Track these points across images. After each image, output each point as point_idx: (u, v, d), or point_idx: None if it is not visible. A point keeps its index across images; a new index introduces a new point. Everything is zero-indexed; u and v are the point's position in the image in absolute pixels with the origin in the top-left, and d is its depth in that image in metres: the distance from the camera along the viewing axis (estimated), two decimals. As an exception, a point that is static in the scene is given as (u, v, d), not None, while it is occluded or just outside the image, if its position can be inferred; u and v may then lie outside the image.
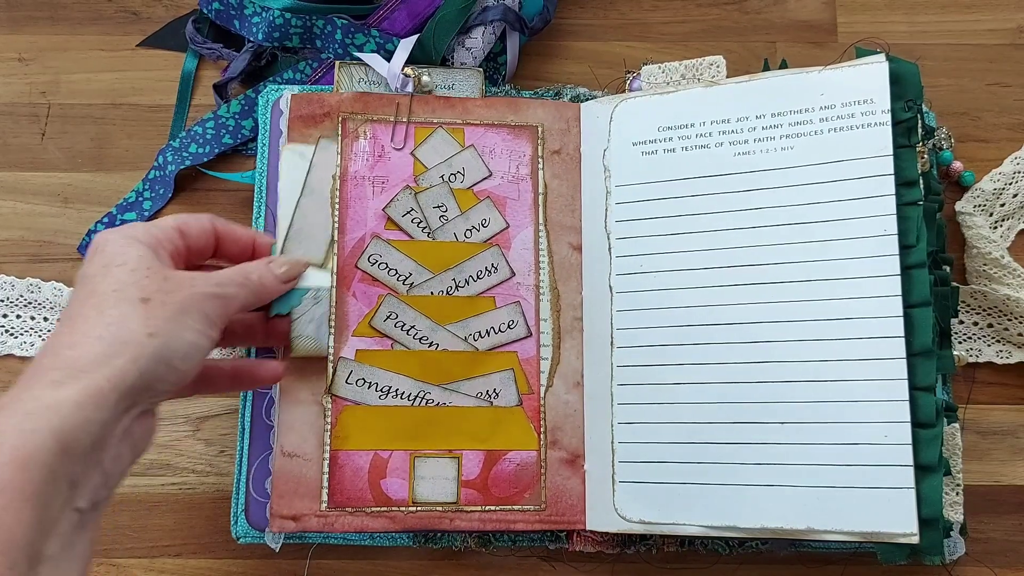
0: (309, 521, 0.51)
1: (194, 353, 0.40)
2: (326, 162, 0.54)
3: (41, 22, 0.63)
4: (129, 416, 0.38)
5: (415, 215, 0.55)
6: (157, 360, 0.38)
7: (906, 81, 0.51)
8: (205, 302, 0.41)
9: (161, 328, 0.39)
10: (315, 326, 0.52)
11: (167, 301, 0.40)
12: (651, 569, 0.55)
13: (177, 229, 0.44)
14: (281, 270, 0.48)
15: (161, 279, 0.40)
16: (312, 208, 0.53)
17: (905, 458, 0.48)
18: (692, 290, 0.53)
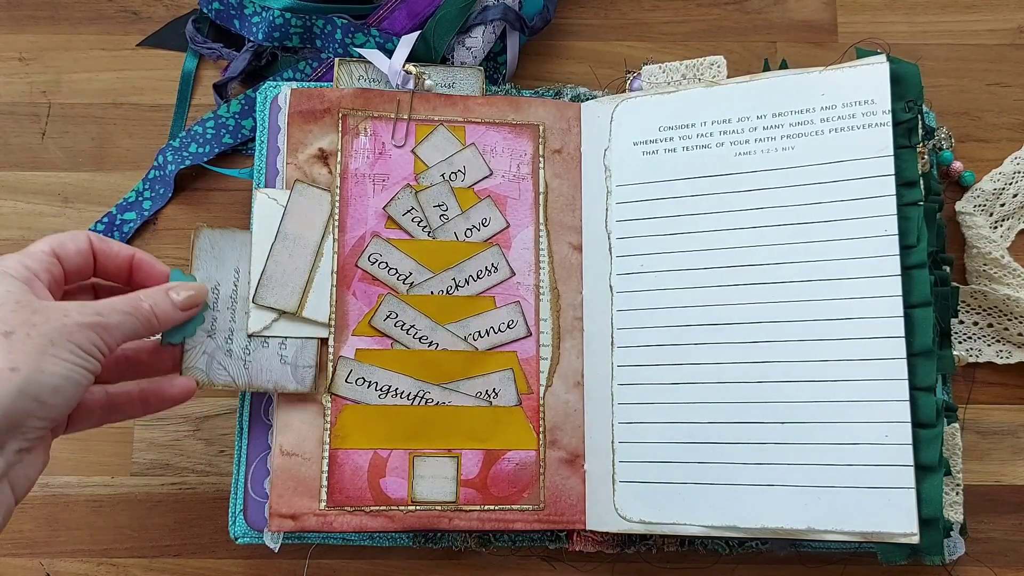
0: (308, 520, 0.51)
1: (65, 386, 0.39)
2: (301, 207, 0.53)
3: (42, 22, 0.63)
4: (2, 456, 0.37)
5: (415, 214, 0.55)
6: (21, 396, 0.37)
7: (907, 82, 0.51)
8: (78, 332, 0.39)
9: (24, 362, 0.37)
10: (207, 359, 0.51)
11: (32, 333, 0.38)
12: (651, 569, 0.55)
13: (52, 254, 0.43)
14: (181, 297, 0.47)
15: (29, 312, 0.39)
16: (284, 254, 0.52)
17: (905, 458, 0.48)
18: (692, 290, 0.53)
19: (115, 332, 0.42)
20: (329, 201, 0.54)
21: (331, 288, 0.53)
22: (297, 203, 0.53)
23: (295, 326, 0.52)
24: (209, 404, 0.58)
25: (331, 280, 0.53)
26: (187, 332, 0.50)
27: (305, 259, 0.53)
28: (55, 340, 0.38)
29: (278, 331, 0.51)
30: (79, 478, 0.56)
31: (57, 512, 0.56)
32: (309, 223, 0.53)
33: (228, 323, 0.52)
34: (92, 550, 0.56)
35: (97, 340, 0.40)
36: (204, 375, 0.51)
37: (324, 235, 0.53)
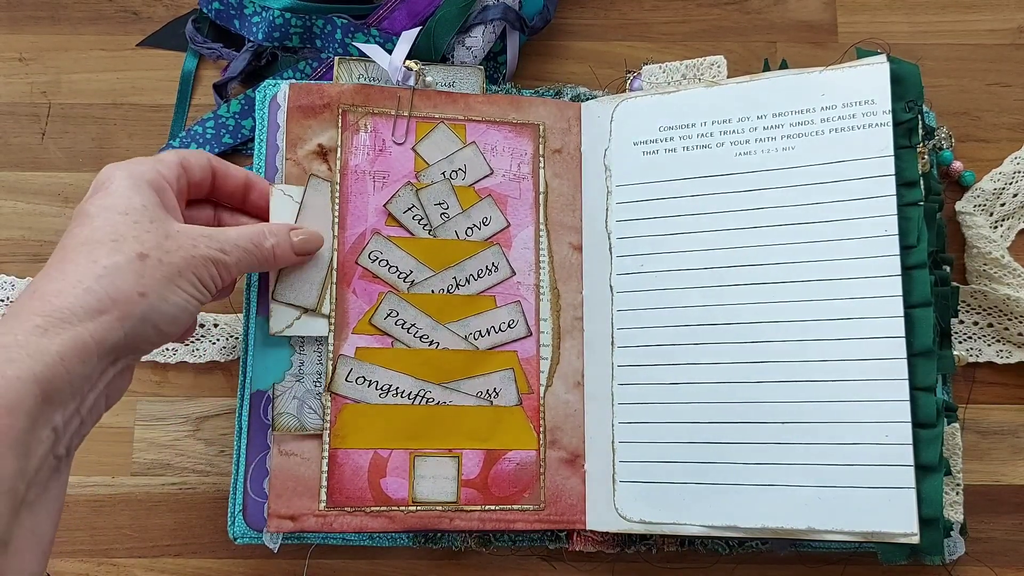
0: (307, 521, 0.51)
1: (182, 317, 0.40)
2: (316, 203, 0.53)
3: (42, 22, 0.63)
4: (111, 371, 0.38)
5: (416, 212, 0.55)
6: (144, 321, 0.37)
7: (907, 82, 0.52)
8: (203, 267, 0.40)
9: (153, 289, 0.38)
10: (298, 403, 0.52)
11: (164, 260, 0.38)
12: (651, 569, 0.55)
13: (181, 165, 0.43)
14: (299, 239, 0.48)
15: (163, 235, 0.39)
16: None
17: (905, 458, 0.48)
18: (692, 290, 0.53)
19: (234, 269, 0.43)
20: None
21: (331, 285, 0.53)
22: (312, 198, 0.52)
23: (316, 323, 0.52)
24: (209, 404, 0.58)
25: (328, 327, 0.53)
26: (276, 378, 0.51)
27: (323, 255, 0.52)
28: (182, 270, 0.39)
29: (300, 330, 0.52)
30: (79, 478, 0.56)
31: (57, 512, 0.56)
32: (324, 218, 0.53)
33: (316, 366, 0.52)
34: (92, 550, 0.56)
35: (216, 275, 0.41)
36: (296, 419, 0.51)
37: (334, 229, 0.53)
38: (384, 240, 0.54)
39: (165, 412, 0.57)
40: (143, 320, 0.37)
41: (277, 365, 0.52)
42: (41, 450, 0.34)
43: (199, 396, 0.57)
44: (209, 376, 0.58)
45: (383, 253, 0.54)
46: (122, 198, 0.39)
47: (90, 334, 0.35)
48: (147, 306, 0.37)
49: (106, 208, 0.39)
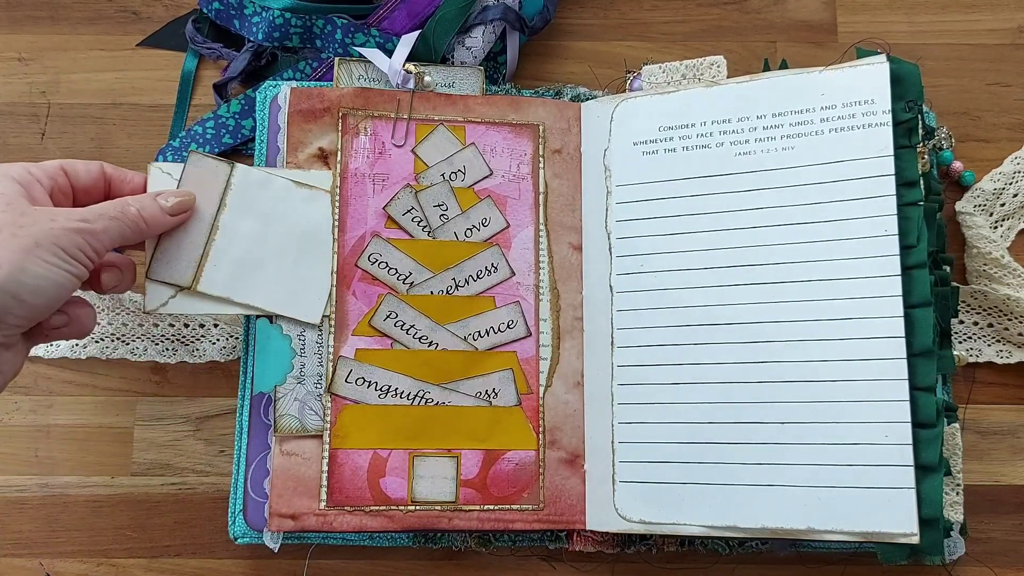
0: (308, 520, 0.51)
1: (47, 288, 0.41)
2: (196, 179, 0.51)
3: (41, 22, 0.63)
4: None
5: (415, 214, 0.55)
6: (2, 292, 0.39)
7: (907, 82, 0.51)
8: (64, 236, 0.41)
9: (7, 260, 0.39)
10: (299, 405, 0.52)
11: (19, 234, 0.40)
12: (651, 569, 0.55)
13: (60, 168, 0.45)
14: (170, 202, 0.48)
15: (17, 213, 0.40)
16: (178, 228, 0.50)
17: (905, 458, 0.48)
18: (692, 290, 0.53)
19: (102, 237, 0.43)
20: (227, 172, 0.51)
21: (331, 287, 0.53)
22: (191, 174, 0.51)
23: (193, 302, 0.51)
24: (209, 404, 0.58)
25: (331, 280, 0.53)
26: (277, 380, 0.51)
27: (200, 232, 0.51)
28: (40, 242, 0.40)
29: (175, 307, 0.51)
30: (79, 478, 0.56)
31: (57, 512, 0.56)
32: (204, 195, 0.51)
33: (317, 368, 0.52)
34: (92, 550, 0.56)
35: (84, 245, 0.42)
36: (297, 421, 0.52)
37: (220, 207, 0.51)
38: (383, 242, 0.54)
39: (165, 412, 0.57)
40: (1, 291, 0.39)
41: (278, 367, 0.52)
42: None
43: (199, 396, 0.57)
44: (209, 376, 0.58)
45: (382, 255, 0.54)
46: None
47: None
48: (3, 277, 0.39)
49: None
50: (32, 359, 0.58)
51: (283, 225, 0.52)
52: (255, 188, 0.51)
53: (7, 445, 0.57)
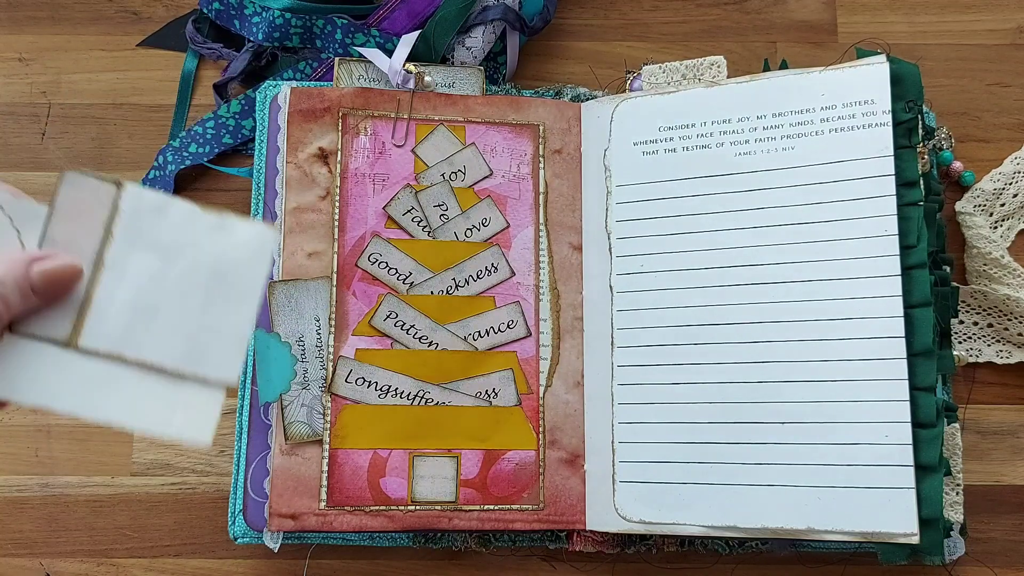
0: (308, 520, 0.51)
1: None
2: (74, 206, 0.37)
3: (42, 22, 0.63)
4: None
5: (415, 214, 0.55)
6: None
7: (907, 82, 0.52)
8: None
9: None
10: (307, 411, 0.52)
11: None
12: (651, 569, 0.55)
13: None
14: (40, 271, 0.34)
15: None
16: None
17: (905, 458, 0.48)
18: (692, 290, 0.53)
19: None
20: (114, 194, 0.37)
21: (332, 288, 0.53)
22: (68, 199, 0.37)
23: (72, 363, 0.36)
24: (209, 404, 0.57)
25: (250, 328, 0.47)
26: (283, 388, 0.51)
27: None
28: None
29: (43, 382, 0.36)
30: (79, 478, 0.56)
31: (57, 512, 0.56)
32: (85, 223, 0.37)
33: (320, 372, 0.52)
34: (92, 550, 0.56)
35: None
36: (307, 426, 0.51)
37: (106, 238, 0.37)
38: (383, 242, 0.54)
39: (165, 412, 0.57)
40: None
41: (281, 376, 0.52)
42: None
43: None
44: (209, 376, 0.58)
45: (382, 255, 0.54)
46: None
47: None
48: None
49: None
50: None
51: (186, 261, 0.38)
52: (150, 215, 0.38)
53: (7, 445, 0.57)
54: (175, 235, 0.38)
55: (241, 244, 0.38)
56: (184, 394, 0.36)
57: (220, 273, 0.38)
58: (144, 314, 0.37)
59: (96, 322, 0.36)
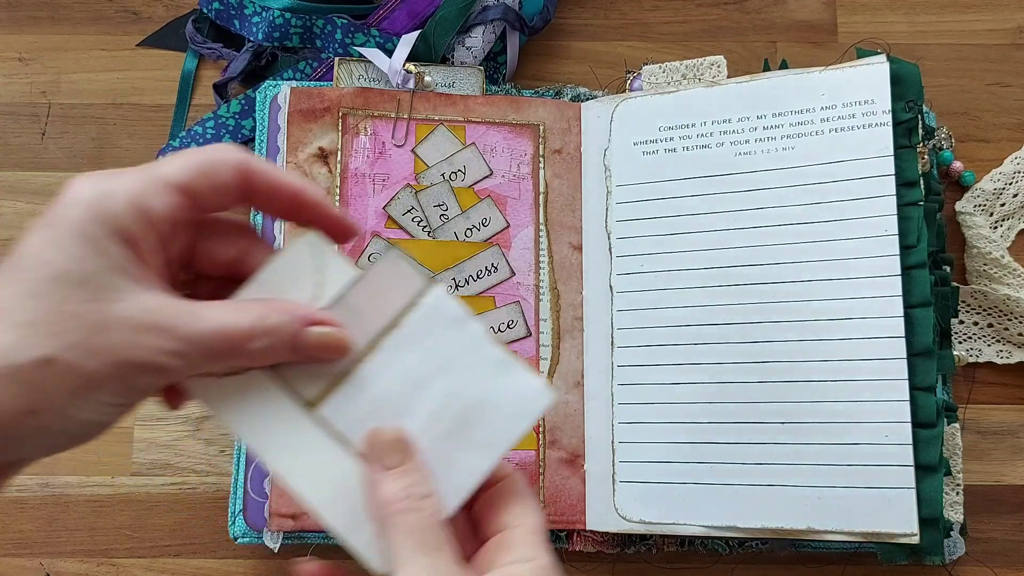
0: (308, 520, 0.51)
1: (89, 432, 0.29)
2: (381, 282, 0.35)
3: (41, 22, 0.63)
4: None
5: (415, 214, 0.55)
6: (29, 442, 0.28)
7: (907, 82, 0.52)
8: (134, 374, 0.28)
9: (49, 405, 0.27)
10: None
11: (76, 366, 0.27)
12: (651, 569, 0.55)
13: (179, 191, 0.29)
14: (315, 336, 0.32)
15: (94, 326, 0.27)
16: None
17: (905, 458, 0.48)
18: (692, 290, 0.53)
19: (187, 372, 0.29)
20: (420, 289, 0.35)
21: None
22: (379, 274, 0.35)
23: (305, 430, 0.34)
24: (209, 404, 0.57)
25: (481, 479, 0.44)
26: None
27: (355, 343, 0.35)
28: (101, 381, 0.27)
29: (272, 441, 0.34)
30: (79, 478, 0.56)
31: (57, 512, 0.56)
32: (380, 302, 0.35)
33: None
34: (92, 550, 0.56)
35: (160, 382, 0.29)
36: None
37: (392, 326, 0.35)
38: (384, 242, 0.54)
39: (165, 412, 0.57)
40: (26, 441, 0.28)
41: None
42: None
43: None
44: (209, 376, 0.58)
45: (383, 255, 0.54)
46: (64, 253, 0.27)
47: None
48: (36, 427, 0.27)
49: (40, 264, 0.27)
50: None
51: (454, 382, 0.35)
52: (443, 323, 0.35)
53: (7, 445, 0.57)
54: (456, 353, 0.35)
55: (514, 393, 0.35)
56: None
57: (480, 410, 0.35)
58: (389, 412, 0.35)
59: (343, 399, 0.34)
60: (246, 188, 0.31)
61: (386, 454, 0.32)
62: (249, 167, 0.31)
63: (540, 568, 0.31)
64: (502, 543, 0.32)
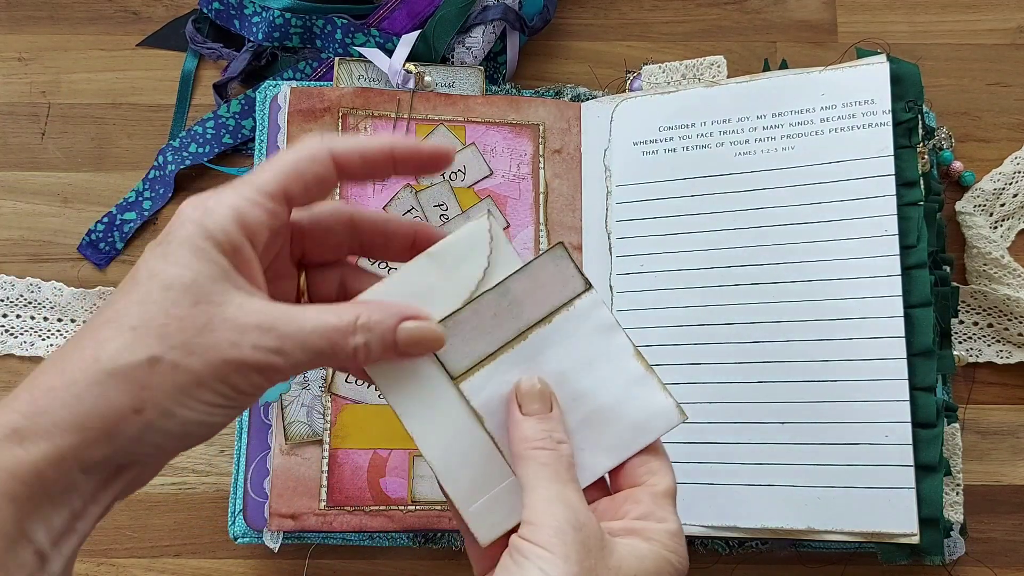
0: (308, 520, 0.51)
1: (197, 432, 0.30)
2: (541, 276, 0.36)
3: (41, 22, 0.63)
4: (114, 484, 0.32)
5: (415, 214, 0.55)
6: (137, 441, 0.29)
7: (907, 81, 0.52)
8: (237, 374, 0.29)
9: (155, 403, 0.29)
10: (307, 410, 0.52)
11: (182, 365, 0.29)
12: (651, 569, 0.55)
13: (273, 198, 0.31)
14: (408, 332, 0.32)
15: (199, 326, 0.29)
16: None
17: (906, 458, 0.48)
18: (692, 290, 0.53)
19: (289, 372, 0.31)
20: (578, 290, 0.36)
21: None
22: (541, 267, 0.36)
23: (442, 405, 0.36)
24: (209, 404, 0.57)
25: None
26: (283, 387, 0.51)
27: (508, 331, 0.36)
28: (205, 379, 0.29)
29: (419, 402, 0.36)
30: (79, 478, 0.56)
31: (57, 512, 0.56)
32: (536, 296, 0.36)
33: (320, 372, 0.52)
34: (92, 550, 0.55)
35: (263, 382, 0.30)
36: (307, 426, 0.51)
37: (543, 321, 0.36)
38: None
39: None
40: (137, 440, 0.29)
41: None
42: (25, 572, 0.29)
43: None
44: (209, 376, 0.58)
45: (383, 253, 0.54)
46: (175, 266, 0.30)
47: (71, 449, 0.29)
48: (144, 424, 0.29)
49: (152, 276, 0.30)
50: (32, 359, 0.58)
51: (589, 384, 0.36)
52: (592, 327, 0.36)
53: (7, 445, 0.57)
54: (599, 358, 0.36)
55: (644, 408, 0.36)
56: (499, 490, 0.35)
57: (610, 416, 0.36)
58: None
59: (482, 379, 0.36)
60: (342, 171, 0.32)
61: (532, 401, 0.33)
62: (336, 152, 0.32)
63: (670, 533, 0.32)
64: (632, 497, 0.33)
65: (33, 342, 0.58)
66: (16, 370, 0.58)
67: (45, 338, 0.58)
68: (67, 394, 0.29)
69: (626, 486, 0.34)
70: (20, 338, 0.58)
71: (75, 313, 0.58)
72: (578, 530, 0.30)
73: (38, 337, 0.58)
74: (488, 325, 0.36)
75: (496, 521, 0.34)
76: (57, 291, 0.58)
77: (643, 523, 0.32)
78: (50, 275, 0.59)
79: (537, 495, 0.31)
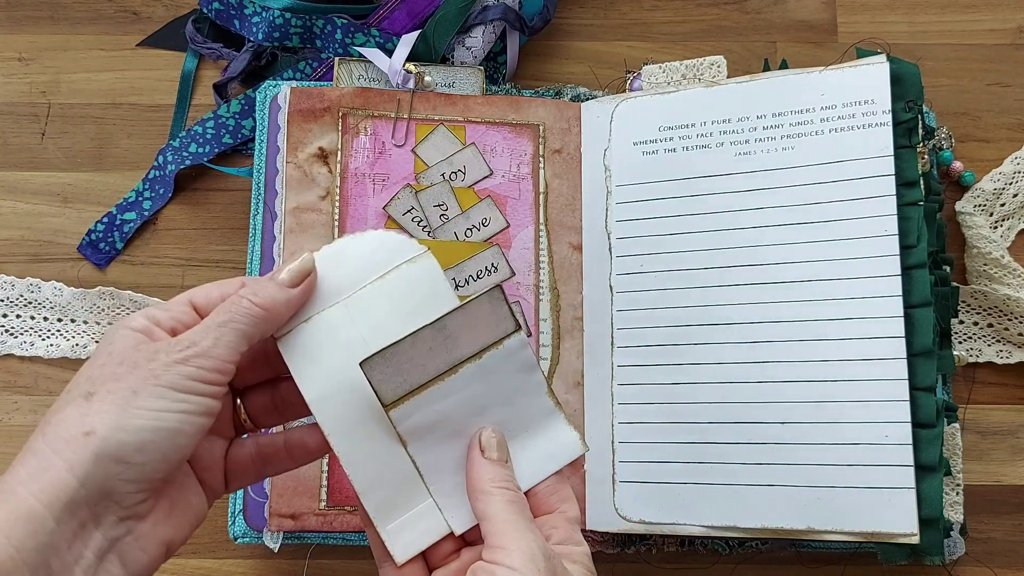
0: (308, 520, 0.51)
1: (155, 439, 0.32)
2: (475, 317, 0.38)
3: (41, 22, 0.63)
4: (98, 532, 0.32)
5: (415, 214, 0.55)
6: (99, 460, 0.31)
7: (907, 81, 0.52)
8: (166, 373, 0.33)
9: (99, 423, 0.31)
10: None
11: (113, 389, 0.32)
12: (651, 569, 0.55)
13: (188, 303, 0.36)
14: (283, 274, 0.37)
15: (114, 365, 0.33)
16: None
17: (905, 458, 0.48)
18: (692, 290, 0.53)
19: (216, 352, 0.34)
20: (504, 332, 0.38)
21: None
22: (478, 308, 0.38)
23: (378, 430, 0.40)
24: (209, 404, 0.57)
25: None
26: None
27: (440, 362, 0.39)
28: (138, 389, 0.32)
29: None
30: (79, 478, 0.56)
31: (57, 512, 0.56)
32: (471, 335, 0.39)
33: None
34: (92, 550, 0.55)
35: (195, 372, 0.33)
36: None
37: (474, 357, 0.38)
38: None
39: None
40: (97, 459, 0.31)
41: None
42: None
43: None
44: (209, 376, 0.58)
45: (383, 253, 0.54)
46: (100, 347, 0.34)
47: (34, 496, 0.30)
48: (97, 443, 0.31)
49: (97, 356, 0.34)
50: (32, 359, 0.58)
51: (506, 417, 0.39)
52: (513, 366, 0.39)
53: (7, 445, 0.57)
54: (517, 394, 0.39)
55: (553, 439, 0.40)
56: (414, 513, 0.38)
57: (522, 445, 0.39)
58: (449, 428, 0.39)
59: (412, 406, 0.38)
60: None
61: (493, 449, 0.37)
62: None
63: (587, 555, 0.36)
64: (549, 523, 0.37)
65: (33, 342, 0.58)
66: (16, 370, 0.58)
67: (45, 338, 0.58)
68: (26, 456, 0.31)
69: (540, 513, 0.37)
70: (20, 338, 0.58)
71: (75, 313, 0.58)
72: (548, 559, 0.33)
73: (38, 337, 0.58)
74: (423, 357, 0.38)
75: (411, 540, 0.37)
76: (57, 291, 0.58)
77: (567, 547, 0.36)
78: (50, 275, 0.59)
79: (507, 524, 0.34)
